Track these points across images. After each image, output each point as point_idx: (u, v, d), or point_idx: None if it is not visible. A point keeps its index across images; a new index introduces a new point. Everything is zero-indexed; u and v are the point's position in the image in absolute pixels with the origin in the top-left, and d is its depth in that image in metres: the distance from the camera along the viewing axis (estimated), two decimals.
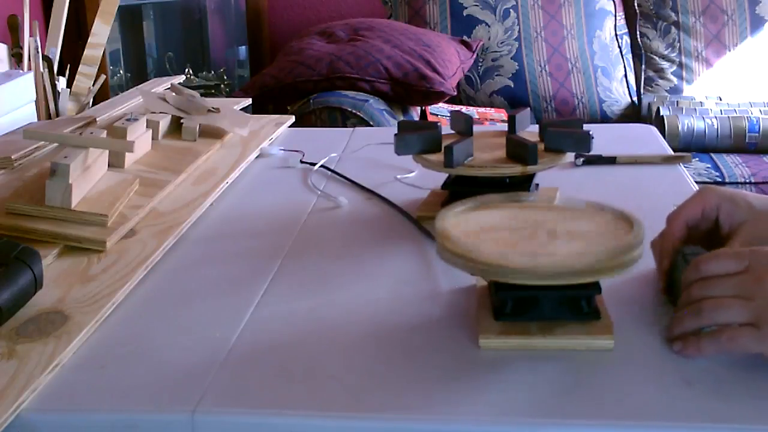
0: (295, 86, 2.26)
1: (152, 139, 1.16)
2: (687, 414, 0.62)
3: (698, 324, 0.69)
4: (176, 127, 1.23)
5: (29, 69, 1.29)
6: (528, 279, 0.67)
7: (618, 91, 2.71)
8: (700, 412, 0.62)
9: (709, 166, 2.30)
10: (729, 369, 0.67)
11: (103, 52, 1.38)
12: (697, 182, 1.07)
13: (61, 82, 1.33)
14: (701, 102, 2.55)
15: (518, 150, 0.95)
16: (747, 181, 2.23)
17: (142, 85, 1.50)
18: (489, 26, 2.70)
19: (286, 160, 1.24)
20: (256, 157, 1.25)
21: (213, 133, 1.24)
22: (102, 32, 1.34)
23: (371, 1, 2.98)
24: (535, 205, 0.80)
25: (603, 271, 0.68)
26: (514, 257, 0.67)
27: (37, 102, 1.27)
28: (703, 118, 2.41)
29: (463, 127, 1.02)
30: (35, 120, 1.26)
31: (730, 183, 2.22)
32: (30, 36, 1.30)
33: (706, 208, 0.79)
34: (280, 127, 1.37)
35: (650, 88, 2.73)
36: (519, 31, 2.70)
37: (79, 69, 1.35)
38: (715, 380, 0.66)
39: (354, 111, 2.14)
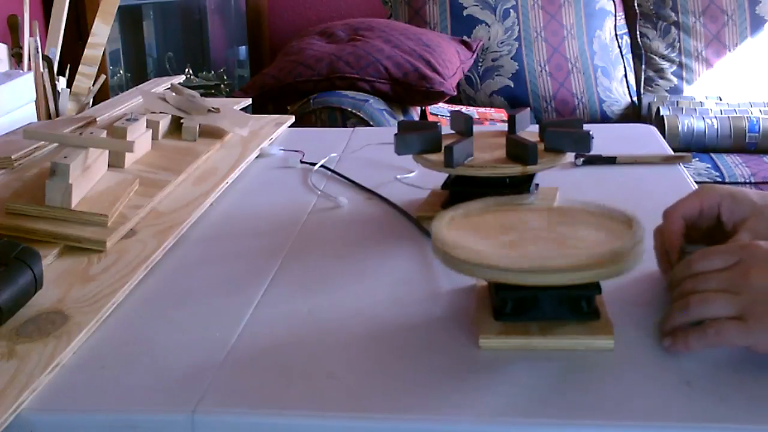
0: (295, 86, 2.26)
1: (152, 139, 1.16)
2: (686, 414, 0.62)
3: (687, 319, 0.69)
4: (176, 127, 1.23)
5: (29, 69, 1.29)
6: (522, 280, 0.67)
7: (618, 91, 2.71)
8: (700, 412, 0.62)
9: (709, 166, 2.30)
10: (728, 369, 0.67)
11: (103, 52, 1.38)
12: (697, 182, 1.07)
13: (61, 82, 1.33)
14: (701, 102, 2.55)
15: (518, 150, 0.95)
16: (747, 181, 2.23)
17: (142, 85, 1.50)
18: (489, 26, 2.70)
19: (286, 160, 1.24)
20: (256, 157, 1.25)
21: (213, 133, 1.24)
22: (102, 32, 1.34)
23: (371, 1, 2.98)
24: (531, 208, 0.79)
25: (600, 274, 0.68)
26: (509, 259, 0.67)
27: (37, 102, 1.27)
28: (703, 118, 2.41)
29: (463, 127, 1.02)
30: (35, 120, 1.26)
31: (730, 183, 2.22)
32: (30, 36, 1.30)
33: (704, 205, 0.79)
34: (280, 127, 1.36)
35: (650, 88, 2.73)
36: (519, 31, 2.70)
37: (79, 69, 1.34)
38: (715, 380, 0.66)
39: (354, 111, 2.14)
